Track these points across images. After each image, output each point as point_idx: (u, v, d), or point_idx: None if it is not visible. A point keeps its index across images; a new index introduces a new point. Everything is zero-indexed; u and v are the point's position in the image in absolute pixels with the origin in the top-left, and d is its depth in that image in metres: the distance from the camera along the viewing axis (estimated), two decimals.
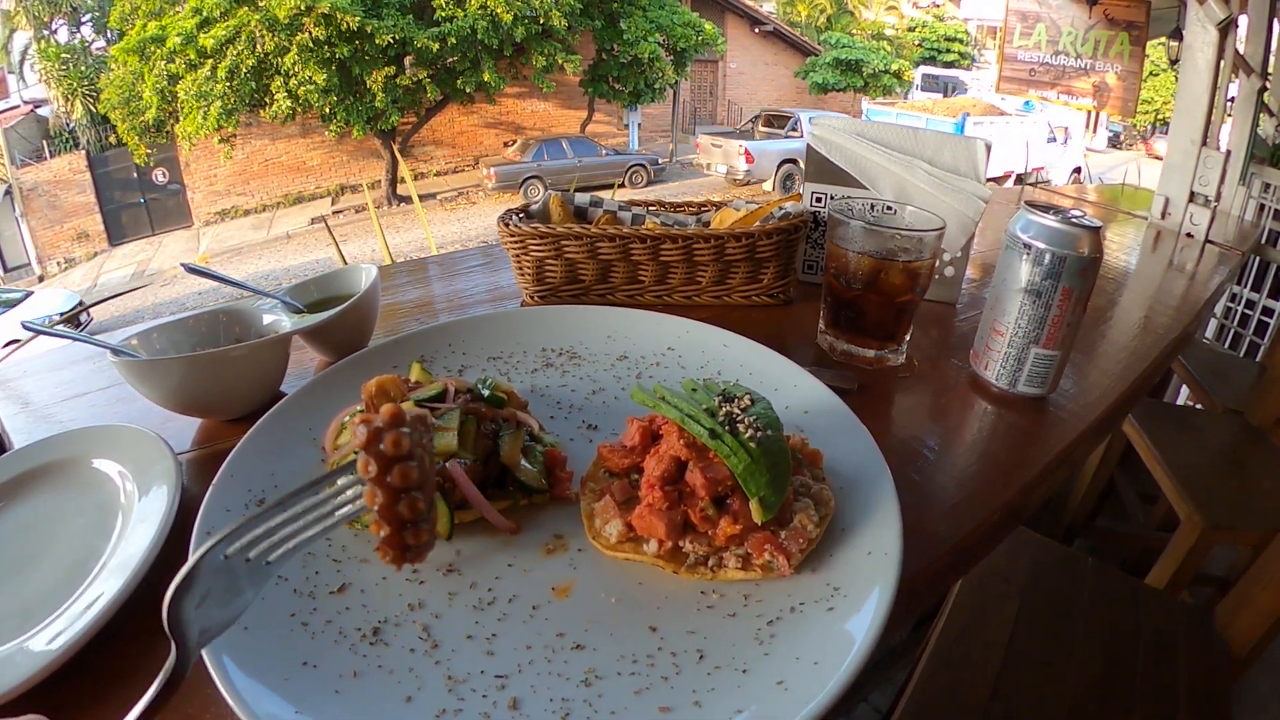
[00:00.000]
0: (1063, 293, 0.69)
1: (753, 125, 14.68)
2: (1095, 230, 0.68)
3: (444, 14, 11.10)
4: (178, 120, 10.76)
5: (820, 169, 0.99)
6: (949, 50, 20.91)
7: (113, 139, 11.96)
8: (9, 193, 11.62)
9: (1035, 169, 12.22)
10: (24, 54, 12.60)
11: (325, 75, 10.60)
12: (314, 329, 0.74)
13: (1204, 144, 1.69)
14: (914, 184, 0.94)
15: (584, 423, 0.64)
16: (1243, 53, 1.98)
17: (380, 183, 13.27)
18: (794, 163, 12.77)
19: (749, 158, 13.06)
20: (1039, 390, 0.74)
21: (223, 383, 0.66)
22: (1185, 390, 2.31)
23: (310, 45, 10.37)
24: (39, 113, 12.41)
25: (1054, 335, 0.71)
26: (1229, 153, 1.83)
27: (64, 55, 12.03)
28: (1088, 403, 0.76)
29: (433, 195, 13.41)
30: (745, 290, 0.95)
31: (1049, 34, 2.14)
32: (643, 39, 12.63)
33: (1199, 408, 1.87)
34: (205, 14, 10.19)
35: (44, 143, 12.27)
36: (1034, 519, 1.88)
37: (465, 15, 11.05)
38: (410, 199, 12.81)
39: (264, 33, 10.21)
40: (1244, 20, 2.00)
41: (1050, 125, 12.80)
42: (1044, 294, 0.70)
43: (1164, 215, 1.76)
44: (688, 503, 0.47)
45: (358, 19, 10.23)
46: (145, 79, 10.44)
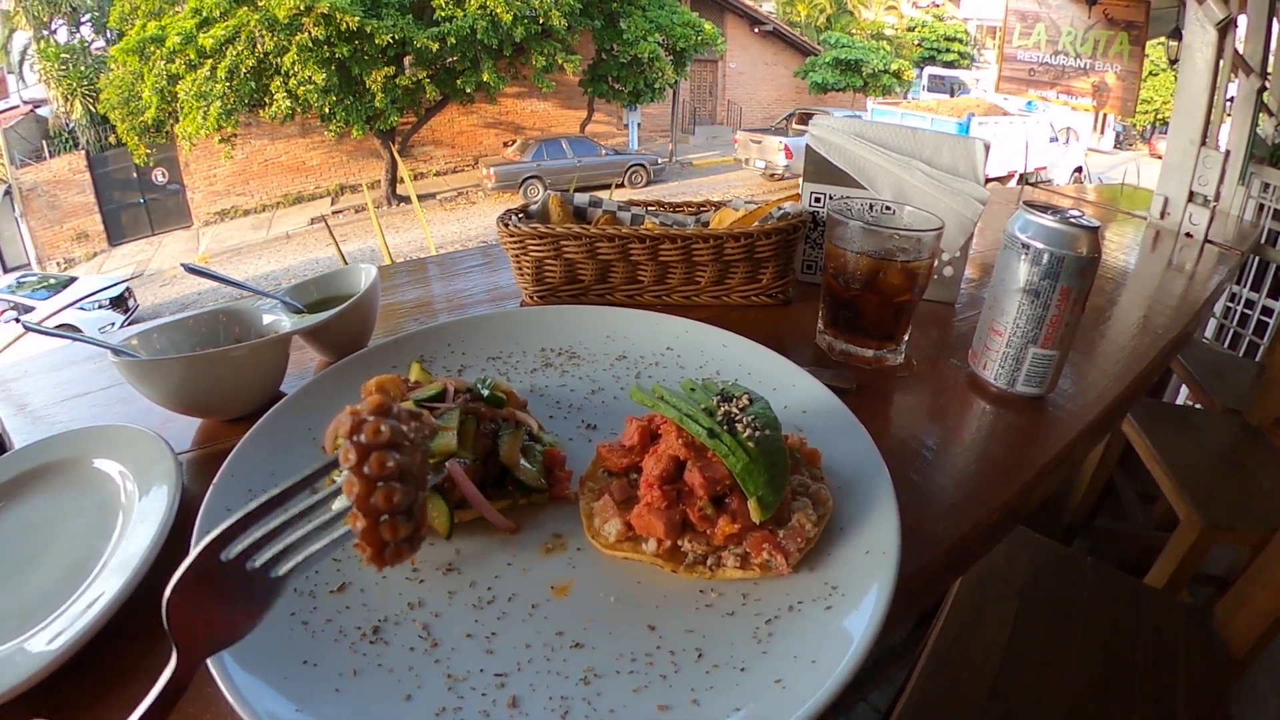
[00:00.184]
0: (1061, 292, 0.69)
1: (786, 123, 14.94)
2: (1093, 230, 0.68)
3: (443, 14, 11.10)
4: (177, 120, 10.76)
5: (819, 169, 0.99)
6: (948, 50, 20.91)
7: (112, 139, 11.96)
8: (9, 193, 11.61)
9: (1038, 168, 12.28)
10: (24, 54, 12.59)
11: (325, 75, 10.60)
12: (314, 329, 0.74)
13: (1203, 144, 1.69)
14: (912, 184, 0.94)
15: (583, 422, 0.64)
16: (1242, 52, 1.98)
17: (380, 183, 13.28)
18: None
19: (788, 153, 13.35)
20: (1037, 390, 0.75)
21: (223, 383, 0.66)
22: (1184, 390, 2.32)
23: (310, 45, 10.37)
24: (38, 113, 12.39)
25: (1052, 335, 0.71)
26: (1228, 152, 1.83)
27: (63, 55, 12.02)
28: (1086, 402, 0.76)
29: (432, 195, 13.41)
30: (744, 290, 0.95)
31: (1048, 34, 2.14)
32: (642, 39, 12.63)
33: (1198, 407, 1.87)
34: (205, 14, 10.19)
35: (43, 143, 12.26)
36: (1033, 518, 1.88)
37: (465, 15, 11.05)
38: (410, 198, 12.81)
39: (263, 33, 10.21)
40: (1243, 20, 2.01)
41: (1053, 125, 12.85)
42: (1042, 294, 0.70)
43: (1163, 215, 1.76)
44: (686, 502, 0.47)
45: (357, 19, 10.23)
46: (145, 79, 10.44)
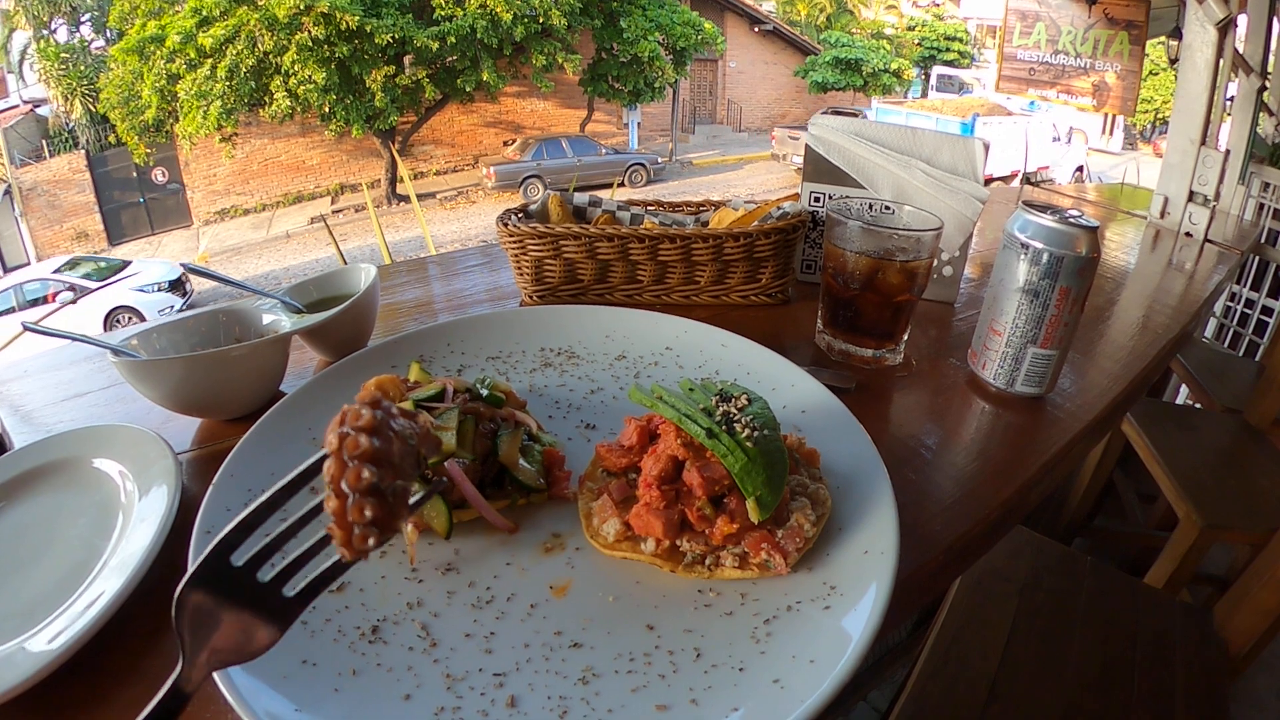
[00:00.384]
0: (1060, 292, 0.69)
1: None
2: (1093, 230, 0.68)
3: (443, 13, 11.10)
4: (177, 120, 10.76)
5: (818, 168, 0.99)
6: (948, 49, 20.87)
7: (112, 138, 11.95)
8: (8, 192, 11.61)
9: (1040, 168, 12.30)
10: (23, 53, 12.59)
11: (324, 74, 10.59)
12: (313, 329, 0.74)
13: (1203, 143, 1.69)
14: (912, 184, 0.94)
15: (582, 422, 0.64)
16: (1242, 52, 1.98)
17: (380, 182, 13.27)
18: None
19: None
20: (1037, 390, 0.75)
21: (223, 383, 0.66)
22: (1184, 389, 2.32)
23: (309, 44, 10.37)
24: (38, 112, 12.39)
25: (1052, 335, 0.71)
26: (1228, 152, 1.82)
27: (63, 55, 12.01)
28: (1086, 402, 0.76)
29: (432, 194, 13.41)
30: (743, 290, 0.95)
31: (1048, 33, 2.14)
32: (642, 38, 12.62)
33: (1198, 407, 1.87)
34: (204, 13, 10.18)
35: (43, 142, 12.26)
36: (1033, 518, 1.89)
37: (465, 14, 11.04)
38: (410, 198, 12.81)
39: (263, 32, 10.20)
40: (1243, 19, 2.00)
41: (1055, 125, 12.86)
42: (1041, 293, 0.70)
43: (1163, 214, 1.76)
44: (685, 502, 0.47)
45: (357, 18, 10.23)
46: (145, 78, 10.44)
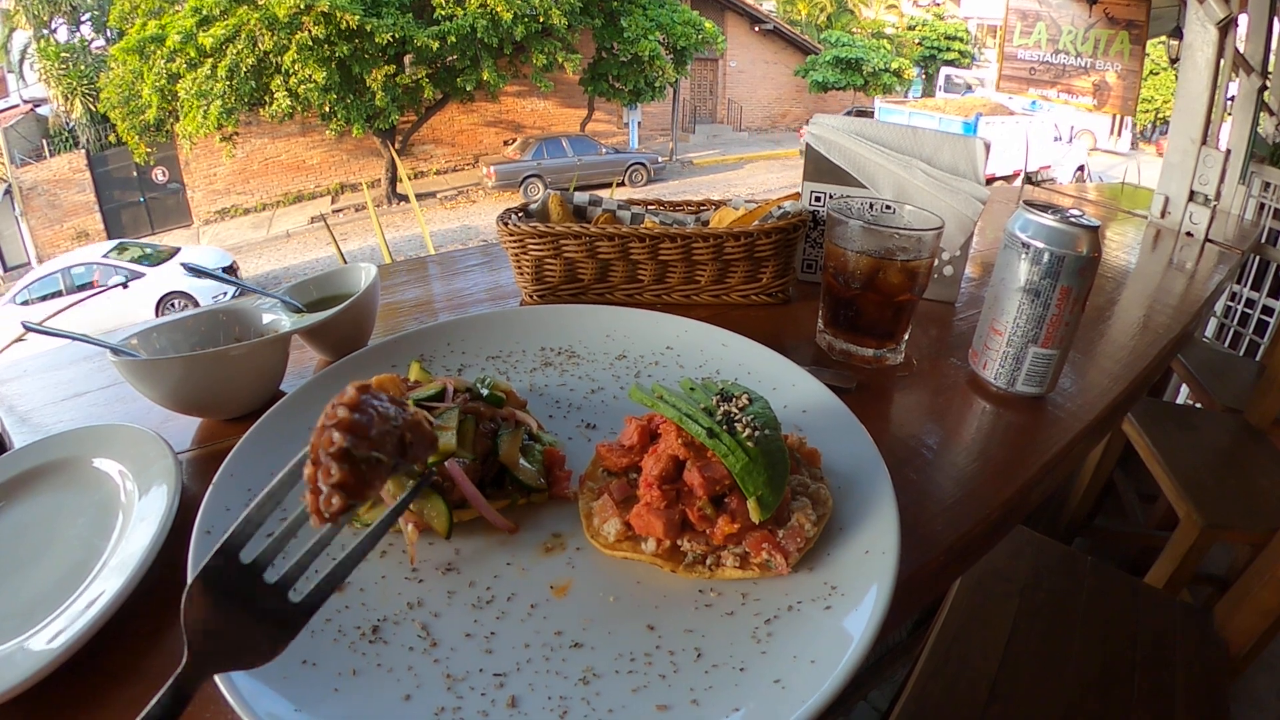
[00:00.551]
0: (1061, 292, 0.69)
1: None
2: (1093, 229, 0.68)
3: (444, 12, 11.09)
4: (177, 119, 10.76)
5: (819, 168, 0.99)
6: (949, 49, 20.86)
7: (112, 138, 11.95)
8: (9, 192, 11.61)
9: (1042, 167, 12.31)
10: (24, 53, 12.59)
11: (325, 74, 10.59)
12: (313, 328, 0.74)
13: (1204, 143, 1.68)
14: (913, 183, 0.94)
15: (582, 422, 0.64)
16: (1242, 51, 1.98)
17: (380, 181, 13.27)
18: None
19: None
20: (1037, 389, 0.75)
21: (222, 382, 0.66)
22: (1185, 389, 2.31)
23: (310, 44, 10.36)
24: (38, 112, 12.39)
25: (1052, 334, 0.71)
26: (1229, 151, 1.82)
27: (63, 54, 12.01)
28: (1086, 402, 0.76)
29: (432, 194, 13.40)
30: (744, 289, 0.95)
31: (1049, 32, 2.14)
32: (643, 37, 12.62)
33: (1198, 407, 1.87)
34: (205, 13, 10.18)
35: (44, 142, 12.26)
36: (1033, 518, 1.89)
37: (465, 14, 11.04)
38: (409, 198, 12.80)
39: (263, 31, 10.20)
40: (1244, 19, 2.00)
41: (1057, 125, 12.87)
42: (1042, 293, 0.70)
43: (1164, 214, 1.76)
44: (686, 502, 0.47)
45: (357, 17, 10.23)
46: (145, 78, 10.44)
